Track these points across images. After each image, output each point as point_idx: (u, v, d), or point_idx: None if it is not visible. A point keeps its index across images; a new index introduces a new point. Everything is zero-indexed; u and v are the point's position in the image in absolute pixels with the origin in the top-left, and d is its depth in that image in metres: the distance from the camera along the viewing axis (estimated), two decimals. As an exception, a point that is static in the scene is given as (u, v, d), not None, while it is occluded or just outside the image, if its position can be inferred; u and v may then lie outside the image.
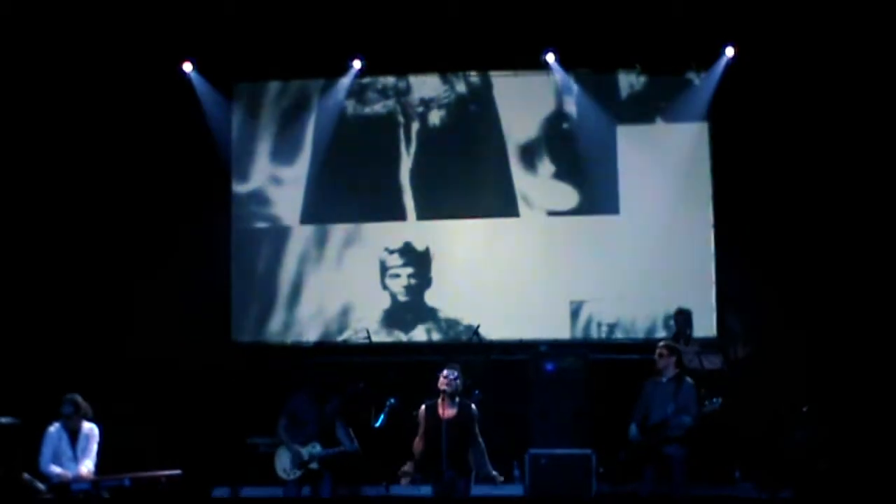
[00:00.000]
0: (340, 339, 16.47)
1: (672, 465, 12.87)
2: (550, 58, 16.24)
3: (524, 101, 16.69)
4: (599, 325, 16.25)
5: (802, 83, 15.39)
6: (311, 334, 16.57)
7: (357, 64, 16.47)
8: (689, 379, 13.14)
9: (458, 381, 12.73)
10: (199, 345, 15.56)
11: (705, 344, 14.69)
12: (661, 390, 13.09)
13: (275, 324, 16.69)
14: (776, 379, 14.32)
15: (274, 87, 16.94)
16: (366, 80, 16.72)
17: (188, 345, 15.40)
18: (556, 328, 16.21)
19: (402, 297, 16.64)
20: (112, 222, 16.05)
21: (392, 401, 13.01)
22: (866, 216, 15.16)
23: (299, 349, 16.18)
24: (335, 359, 15.39)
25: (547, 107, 16.65)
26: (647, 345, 14.18)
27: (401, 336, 16.50)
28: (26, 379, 14.62)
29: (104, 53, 15.84)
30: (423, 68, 16.67)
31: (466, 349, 15.22)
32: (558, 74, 16.36)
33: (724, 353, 14.51)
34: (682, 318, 14.75)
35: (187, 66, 16.42)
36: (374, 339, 16.27)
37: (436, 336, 16.43)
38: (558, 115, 16.62)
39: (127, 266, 15.91)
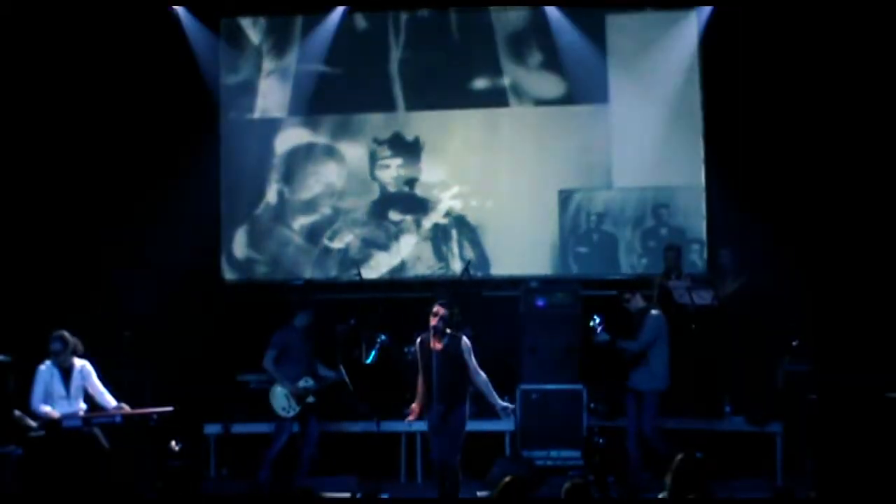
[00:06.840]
0: (330, 230, 15.65)
1: (643, 399, 12.27)
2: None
3: (513, -11, 15.66)
4: (588, 214, 15.51)
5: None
6: (299, 223, 15.74)
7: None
8: (653, 311, 12.24)
9: (447, 316, 11.57)
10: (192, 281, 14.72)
11: (696, 279, 13.86)
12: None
13: (265, 215, 15.76)
14: (766, 312, 13.35)
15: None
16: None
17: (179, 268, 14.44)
18: (545, 218, 15.49)
19: (391, 188, 15.72)
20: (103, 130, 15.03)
21: (383, 337, 12.15)
22: (866, 130, 14.05)
23: (289, 287, 15.20)
24: (326, 296, 14.42)
25: (535, -5, 15.64)
26: (640, 281, 13.26)
27: (390, 227, 15.58)
28: (19, 316, 13.69)
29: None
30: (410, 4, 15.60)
31: (457, 285, 14.55)
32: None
33: (714, 287, 13.53)
34: (673, 254, 13.96)
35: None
36: (363, 234, 15.66)
37: (426, 224, 15.60)
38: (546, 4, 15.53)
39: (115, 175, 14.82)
